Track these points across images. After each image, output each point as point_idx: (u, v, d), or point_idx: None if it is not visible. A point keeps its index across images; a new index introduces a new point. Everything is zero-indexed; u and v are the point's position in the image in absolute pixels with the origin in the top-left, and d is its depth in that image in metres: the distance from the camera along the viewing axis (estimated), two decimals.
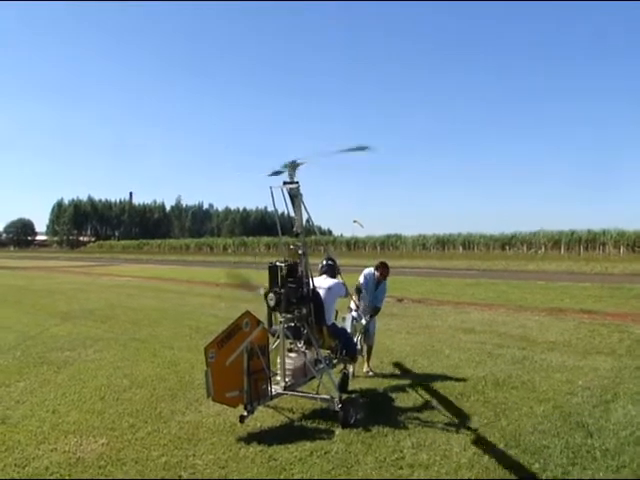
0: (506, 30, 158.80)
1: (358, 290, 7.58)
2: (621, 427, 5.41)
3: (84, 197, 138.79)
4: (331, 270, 6.73)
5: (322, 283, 6.34)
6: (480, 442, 5.04)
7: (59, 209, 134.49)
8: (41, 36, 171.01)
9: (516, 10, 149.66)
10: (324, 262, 6.81)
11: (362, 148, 5.73)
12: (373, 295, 7.69)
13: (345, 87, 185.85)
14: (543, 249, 57.41)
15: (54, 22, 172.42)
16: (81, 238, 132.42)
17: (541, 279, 24.56)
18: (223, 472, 4.46)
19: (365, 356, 7.64)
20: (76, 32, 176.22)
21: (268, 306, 5.90)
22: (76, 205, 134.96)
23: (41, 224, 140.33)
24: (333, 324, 6.43)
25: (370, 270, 7.77)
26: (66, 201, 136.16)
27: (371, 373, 7.58)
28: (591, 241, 55.60)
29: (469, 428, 5.42)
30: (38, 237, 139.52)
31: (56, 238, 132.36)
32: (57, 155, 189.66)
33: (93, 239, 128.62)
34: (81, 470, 4.52)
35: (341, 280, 6.73)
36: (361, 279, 7.71)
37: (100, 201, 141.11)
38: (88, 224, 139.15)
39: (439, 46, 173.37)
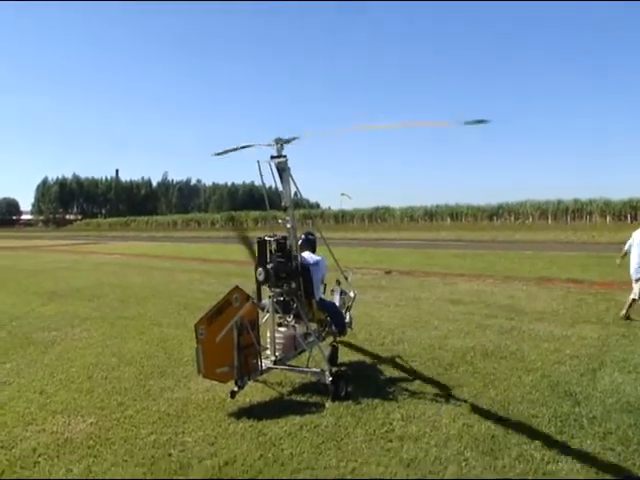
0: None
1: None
2: (607, 395, 5.46)
3: (69, 175, 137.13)
4: (311, 245, 6.59)
5: (308, 258, 6.28)
6: (469, 413, 5.07)
7: (44, 187, 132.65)
8: (25, 18, 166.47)
9: None
10: (302, 237, 6.59)
11: (481, 121, 5.32)
12: None
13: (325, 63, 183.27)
14: (530, 219, 57.76)
15: (38, 7, 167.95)
16: (67, 216, 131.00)
17: (529, 249, 24.74)
18: (212, 449, 4.45)
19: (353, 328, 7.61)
20: (59, 15, 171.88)
21: (257, 280, 5.85)
22: (62, 183, 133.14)
23: (26, 203, 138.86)
24: (321, 299, 6.40)
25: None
26: (51, 179, 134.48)
27: None
28: (578, 210, 56.08)
29: (458, 399, 5.45)
30: (23, 216, 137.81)
31: (42, 217, 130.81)
32: (41, 134, 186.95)
33: (79, 217, 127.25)
34: (69, 450, 4.49)
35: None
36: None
37: (86, 179, 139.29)
38: (74, 202, 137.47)
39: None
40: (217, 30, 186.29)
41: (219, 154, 6.48)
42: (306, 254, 6.35)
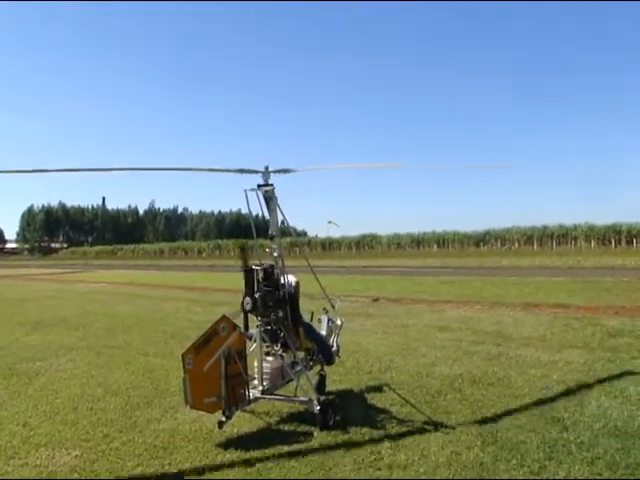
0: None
1: None
2: (595, 419, 5.48)
3: (55, 203, 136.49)
4: None
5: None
6: (458, 440, 5.06)
7: (29, 216, 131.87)
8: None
9: None
10: None
11: (504, 166, 5.44)
12: None
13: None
14: (517, 244, 58.25)
15: (19, 23, 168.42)
16: (53, 245, 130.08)
17: (515, 275, 24.88)
18: None
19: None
20: (41, 30, 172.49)
21: (244, 310, 5.85)
22: (47, 211, 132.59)
23: (11, 232, 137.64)
24: (309, 325, 6.38)
25: None
26: (36, 207, 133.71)
27: None
28: (563, 236, 56.77)
29: (447, 426, 5.44)
30: (8, 245, 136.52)
31: (27, 245, 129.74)
32: (25, 162, 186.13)
33: (65, 245, 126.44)
34: None
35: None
36: None
37: (72, 207, 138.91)
38: (60, 230, 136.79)
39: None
40: (204, 53, 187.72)
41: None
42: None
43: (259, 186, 5.81)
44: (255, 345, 5.90)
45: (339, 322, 7.18)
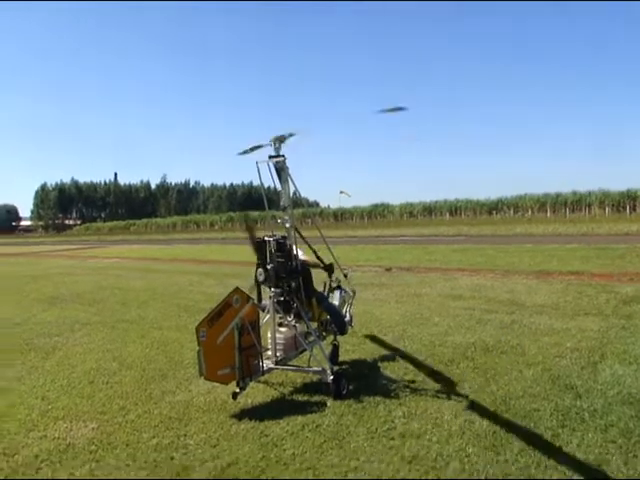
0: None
1: None
2: (608, 387, 5.46)
3: (68, 180, 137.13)
4: None
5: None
6: (471, 409, 5.07)
7: (43, 193, 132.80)
8: (17, 19, 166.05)
9: None
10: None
11: (399, 109, 5.52)
12: None
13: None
14: (530, 212, 57.79)
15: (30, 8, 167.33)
16: (67, 222, 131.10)
17: (528, 242, 24.71)
18: (215, 451, 4.44)
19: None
20: (51, 16, 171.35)
21: (257, 281, 5.85)
22: (60, 189, 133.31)
23: (25, 209, 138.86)
24: (322, 295, 6.38)
25: None
26: (50, 185, 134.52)
27: None
28: (577, 203, 56.20)
29: (460, 395, 5.45)
30: (23, 222, 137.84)
31: (41, 223, 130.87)
32: (39, 140, 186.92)
33: (79, 222, 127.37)
34: (72, 456, 4.49)
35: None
36: None
37: (85, 183, 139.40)
38: (73, 207, 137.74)
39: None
40: (213, 32, 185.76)
41: (242, 153, 6.34)
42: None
43: (270, 157, 5.77)
44: (268, 316, 5.93)
45: (352, 292, 7.18)
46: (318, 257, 6.55)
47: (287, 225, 5.90)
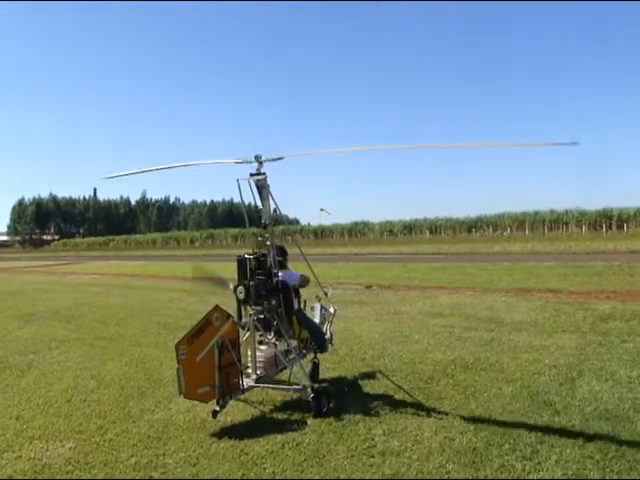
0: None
1: None
2: (586, 403, 5.53)
3: (46, 195, 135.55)
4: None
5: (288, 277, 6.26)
6: (451, 426, 5.09)
7: (20, 208, 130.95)
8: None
9: None
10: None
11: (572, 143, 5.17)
12: None
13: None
14: (508, 230, 58.45)
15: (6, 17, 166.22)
16: (44, 237, 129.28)
17: (507, 260, 24.97)
18: (194, 470, 4.41)
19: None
20: (31, 24, 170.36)
21: (237, 299, 5.84)
22: (38, 203, 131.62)
23: (2, 224, 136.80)
24: (301, 312, 6.36)
25: None
26: (27, 200, 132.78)
27: None
28: (554, 221, 57.00)
29: (440, 412, 5.47)
30: None
31: (18, 238, 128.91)
32: (15, 154, 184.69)
33: (57, 237, 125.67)
34: (47, 476, 4.41)
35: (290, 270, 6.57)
36: None
37: (63, 198, 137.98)
38: (51, 222, 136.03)
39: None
40: (201, 44, 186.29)
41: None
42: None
43: (251, 175, 5.79)
44: (248, 334, 5.91)
45: (332, 310, 7.18)
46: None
47: (268, 243, 5.91)
